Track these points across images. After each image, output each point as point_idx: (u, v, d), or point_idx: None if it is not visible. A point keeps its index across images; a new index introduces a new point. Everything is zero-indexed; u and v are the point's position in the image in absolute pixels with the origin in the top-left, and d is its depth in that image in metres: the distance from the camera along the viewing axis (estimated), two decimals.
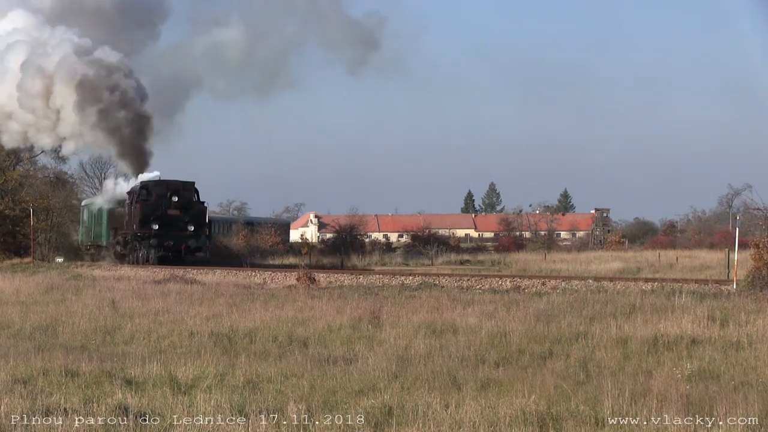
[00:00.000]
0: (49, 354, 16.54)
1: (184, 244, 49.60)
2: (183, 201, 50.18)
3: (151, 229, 49.56)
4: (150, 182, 51.51)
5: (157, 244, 49.25)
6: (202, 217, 51.02)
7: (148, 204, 49.98)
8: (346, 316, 21.52)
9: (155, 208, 49.87)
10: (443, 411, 11.34)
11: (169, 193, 50.27)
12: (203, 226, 50.66)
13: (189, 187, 50.87)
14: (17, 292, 31.00)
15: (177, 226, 49.76)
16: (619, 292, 24.88)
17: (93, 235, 60.66)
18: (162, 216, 49.67)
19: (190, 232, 50.05)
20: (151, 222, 49.63)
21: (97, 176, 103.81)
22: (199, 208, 51.01)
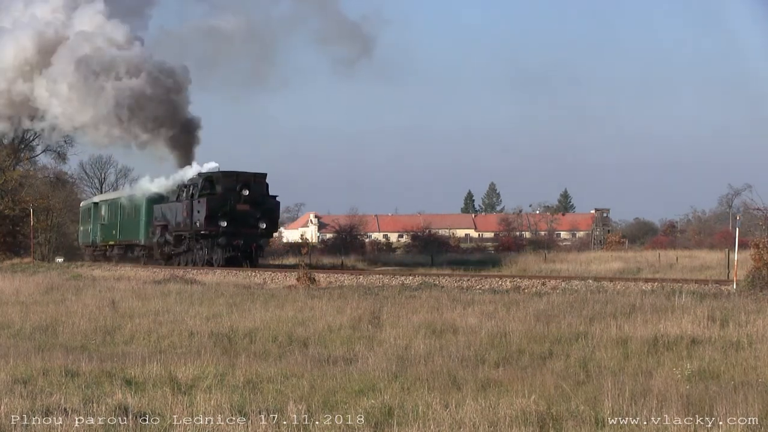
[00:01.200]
0: (49, 354, 16.54)
1: (255, 244, 44.42)
2: (254, 195, 44.40)
3: (219, 226, 43.85)
4: (216, 173, 45.36)
5: (226, 244, 43.86)
6: (275, 214, 46.04)
7: (215, 198, 44.16)
8: (346, 316, 21.52)
9: (223, 202, 44.10)
10: (443, 411, 11.33)
11: (238, 185, 44.34)
12: (275, 224, 46.24)
13: (261, 179, 45.02)
14: (17, 292, 31.00)
15: (247, 223, 44.11)
16: (619, 292, 24.87)
17: (119, 233, 55.60)
18: (231, 212, 43.92)
19: (262, 230, 44.69)
20: (218, 218, 43.82)
21: (97, 176, 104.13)
22: (272, 203, 45.44)
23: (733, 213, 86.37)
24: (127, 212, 55.15)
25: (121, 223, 56.08)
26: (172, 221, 47.66)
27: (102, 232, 59.22)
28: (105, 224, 59.02)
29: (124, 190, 60.96)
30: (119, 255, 56.48)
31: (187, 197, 45.57)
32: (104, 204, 60.08)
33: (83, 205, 68.59)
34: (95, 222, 61.09)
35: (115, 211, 57.18)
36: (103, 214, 59.79)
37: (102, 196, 64.20)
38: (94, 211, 61.74)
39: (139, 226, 53.14)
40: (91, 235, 62.28)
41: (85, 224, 65.35)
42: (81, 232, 67.21)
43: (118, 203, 56.88)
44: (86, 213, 65.40)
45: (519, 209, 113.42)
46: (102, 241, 59.27)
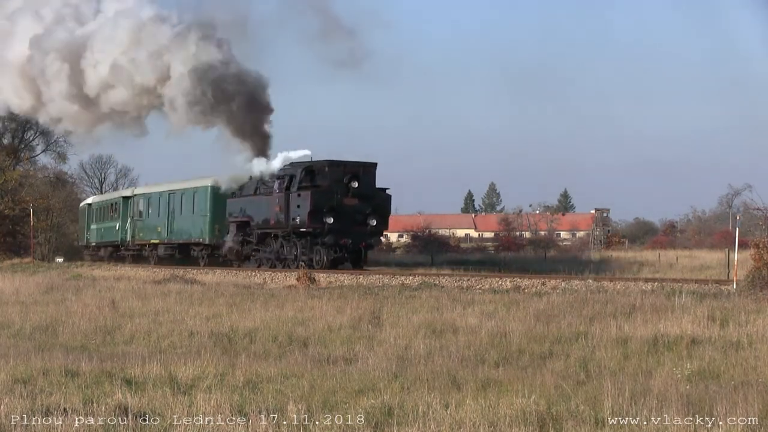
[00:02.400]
0: (49, 354, 16.54)
1: (364, 243, 38.84)
2: (363, 187, 38.59)
3: (324, 223, 37.92)
4: (319, 163, 39.20)
5: (333, 243, 38.09)
6: (386, 209, 40.01)
7: (320, 191, 38.23)
8: (346, 316, 21.53)
9: (329, 196, 38.24)
10: (443, 411, 11.34)
11: (346, 177, 38.46)
12: (386, 221, 39.91)
13: (371, 169, 39.19)
14: (17, 292, 31.02)
15: (355, 220, 38.44)
16: (619, 292, 24.86)
17: (169, 231, 49.71)
18: (337, 207, 38.09)
19: (372, 228, 38.84)
20: (324, 214, 37.94)
21: (97, 176, 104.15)
22: (383, 197, 39.56)
23: (733, 213, 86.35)
24: (183, 207, 49.04)
25: (173, 219, 49.89)
26: (255, 217, 41.68)
27: (138, 230, 53.22)
28: (142, 221, 52.95)
29: (171, 184, 52.20)
30: (167, 255, 50.37)
31: (280, 190, 39.52)
32: (142, 198, 53.74)
33: (96, 202, 63.65)
34: (124, 219, 54.89)
35: (162, 207, 50.99)
36: (140, 209, 53.59)
37: (138, 190, 56.61)
38: (123, 206, 55.29)
39: (201, 223, 46.95)
40: (114, 234, 56.30)
41: (100, 222, 60.39)
42: (93, 231, 61.67)
43: (167, 197, 50.77)
44: (102, 210, 60.32)
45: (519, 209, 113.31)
46: (139, 239, 53.15)
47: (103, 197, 65.74)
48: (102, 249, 59.56)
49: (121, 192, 59.31)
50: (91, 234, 62.17)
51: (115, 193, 62.88)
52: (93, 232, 61.87)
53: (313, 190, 38.35)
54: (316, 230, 38.14)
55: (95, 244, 61.07)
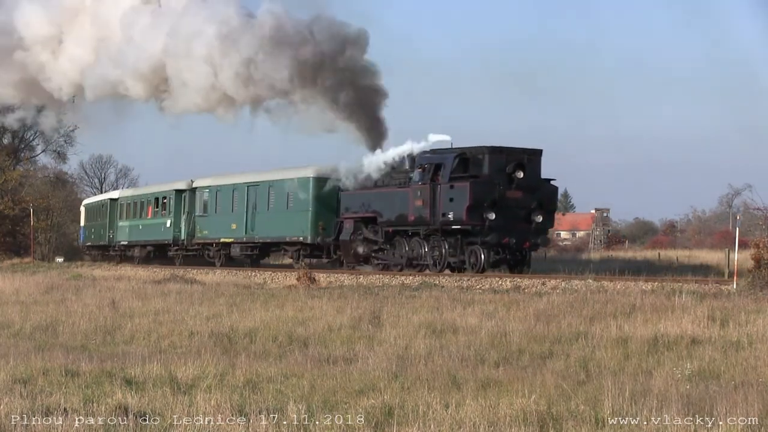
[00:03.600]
0: (49, 354, 16.55)
1: (528, 242, 33.46)
2: (529, 178, 33.30)
3: (485, 219, 32.36)
4: (476, 149, 33.68)
5: (496, 243, 32.58)
6: (553, 203, 35.10)
7: (480, 182, 32.81)
8: (346, 316, 21.53)
9: (490, 187, 32.82)
10: (443, 411, 11.34)
11: (509, 165, 33.10)
12: (552, 217, 34.79)
13: (536, 157, 33.92)
14: (17, 292, 31.02)
15: (519, 216, 33.11)
16: (619, 292, 24.86)
17: (252, 228, 43.57)
18: (500, 200, 32.68)
19: (537, 225, 33.47)
20: (484, 209, 32.48)
21: (97, 176, 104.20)
22: (550, 189, 34.35)
23: (733, 213, 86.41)
24: (272, 201, 43.00)
25: (255, 215, 43.64)
26: (385, 213, 36.04)
27: (201, 227, 47.18)
28: (206, 217, 46.74)
29: (250, 174, 45.75)
30: (243, 255, 44.77)
31: (423, 180, 34.07)
32: (207, 191, 47.26)
33: (125, 197, 57.39)
34: (177, 215, 48.70)
35: (238, 200, 44.70)
36: (203, 204, 47.21)
37: (201, 181, 48.71)
38: (176, 201, 49.08)
39: (300, 219, 40.78)
40: (161, 232, 50.23)
41: (134, 219, 54.39)
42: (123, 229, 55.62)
43: (245, 190, 44.36)
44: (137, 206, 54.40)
45: None
46: (201, 237, 47.15)
47: (137, 191, 58.76)
48: (137, 248, 53.53)
49: (172, 184, 50.88)
50: (119, 232, 56.04)
51: (158, 186, 53.78)
52: (122, 230, 55.70)
53: (473, 180, 32.93)
54: (475, 228, 32.67)
55: (126, 243, 54.88)
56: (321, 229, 39.82)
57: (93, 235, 60.70)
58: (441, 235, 33.86)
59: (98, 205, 61.32)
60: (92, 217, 61.81)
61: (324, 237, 39.68)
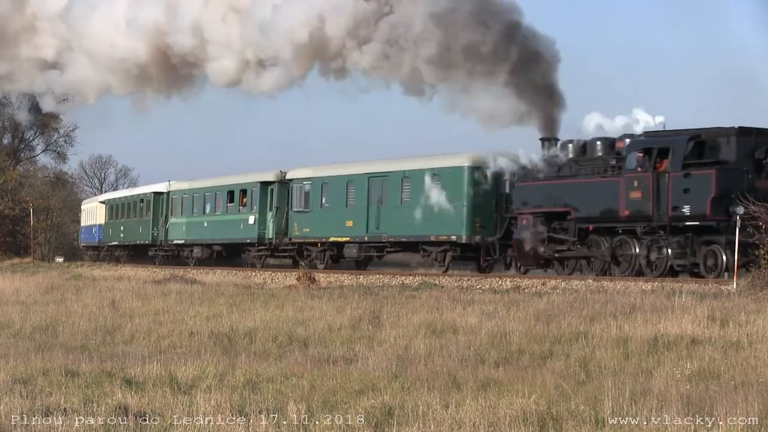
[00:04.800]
0: (49, 354, 16.54)
1: None
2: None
3: (732, 214, 27.25)
4: (718, 131, 29.46)
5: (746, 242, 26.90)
6: None
7: (726, 170, 28.22)
8: (346, 316, 21.53)
9: (738, 176, 28.13)
10: (443, 411, 11.34)
11: (759, 150, 28.46)
12: None
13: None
14: (17, 292, 30.98)
15: None
16: (619, 292, 24.85)
17: (378, 224, 38.36)
18: (749, 191, 27.16)
19: None
20: (731, 202, 27.37)
21: (97, 176, 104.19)
22: None
23: None
24: (405, 195, 37.68)
25: (380, 210, 38.41)
26: (581, 207, 31.11)
27: (300, 225, 41.88)
28: (308, 213, 41.68)
29: (370, 164, 40.37)
30: (361, 256, 39.79)
31: (644, 168, 29.40)
32: (309, 183, 41.87)
33: (178, 191, 51.41)
34: (263, 211, 43.78)
35: (356, 194, 39.54)
36: (305, 196, 41.79)
37: (296, 172, 43.14)
38: (261, 195, 44.04)
39: (451, 215, 35.62)
40: (240, 230, 45.18)
41: (192, 216, 49.34)
42: (178, 227, 50.38)
43: (366, 182, 39.22)
44: (196, 200, 49.35)
45: None
46: (299, 236, 42.07)
47: (198, 183, 51.08)
48: (198, 248, 48.48)
49: (255, 175, 45.34)
50: (172, 230, 50.92)
51: (233, 178, 48.04)
52: (176, 227, 50.50)
53: (720, 168, 28.33)
54: (720, 224, 27.88)
55: (183, 242, 49.87)
56: (479, 227, 34.92)
57: (123, 234, 56.03)
58: (666, 233, 29.04)
59: (131, 200, 56.33)
60: (119, 214, 57.13)
61: (485, 235, 34.63)
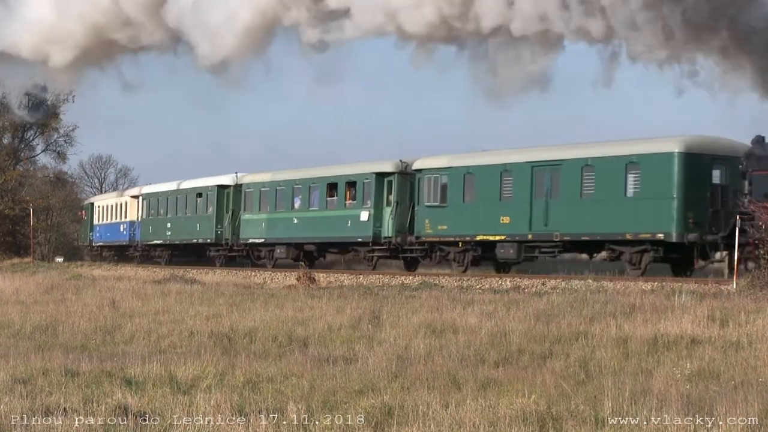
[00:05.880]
0: (49, 354, 16.54)
1: None
2: None
3: None
4: None
5: None
6: None
7: None
8: (346, 316, 21.54)
9: None
10: (443, 411, 11.33)
11: None
12: None
13: None
14: (17, 292, 30.99)
15: None
16: (619, 292, 24.87)
17: (542, 222, 33.49)
18: None
19: None
20: None
21: (97, 176, 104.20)
22: None
23: None
24: (594, 186, 32.46)
25: (557, 204, 33.36)
26: None
27: (431, 222, 37.14)
28: (453, 207, 36.37)
29: (544, 151, 34.98)
30: (527, 258, 35.20)
31: None
32: (450, 174, 36.66)
33: (255, 183, 46.18)
34: (378, 206, 39.19)
35: (515, 186, 34.53)
36: (441, 188, 36.69)
37: (424, 162, 38.06)
38: (377, 188, 39.45)
39: (655, 209, 30.83)
40: (347, 227, 40.39)
41: (274, 212, 44.42)
42: (254, 224, 45.33)
43: (529, 172, 34.22)
44: (280, 195, 44.34)
45: None
46: (429, 233, 37.30)
47: (281, 175, 45.26)
48: (281, 248, 43.82)
49: (370, 166, 40.46)
50: (244, 227, 46.05)
51: (332, 169, 43.03)
52: (252, 224, 45.61)
53: None
54: None
55: (262, 241, 45.01)
56: (692, 223, 30.20)
57: (170, 232, 51.49)
58: None
59: (182, 194, 51.24)
60: (165, 210, 52.65)
61: (702, 234, 29.90)
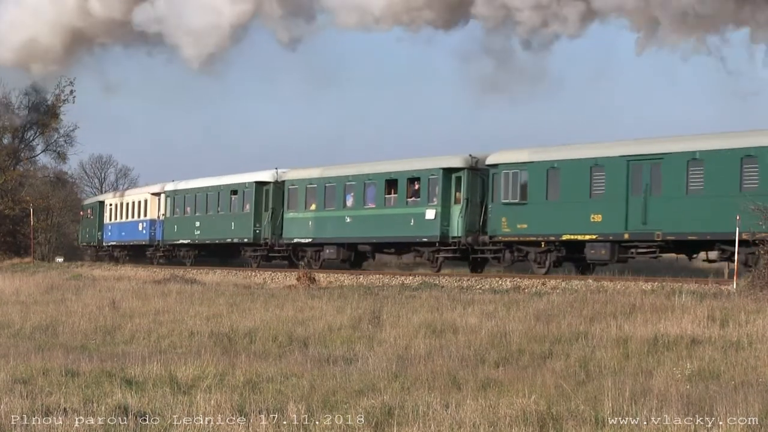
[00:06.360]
0: (49, 354, 16.54)
1: None
2: None
3: None
4: None
5: None
6: None
7: None
8: (346, 316, 21.53)
9: None
10: (443, 411, 11.34)
11: None
12: None
13: None
14: (17, 292, 31.00)
15: None
16: (619, 292, 24.86)
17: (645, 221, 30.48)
18: None
19: None
20: None
21: (97, 176, 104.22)
22: None
23: None
24: (707, 180, 29.52)
25: (658, 201, 30.50)
26: None
27: (516, 218, 33.94)
28: (534, 205, 33.57)
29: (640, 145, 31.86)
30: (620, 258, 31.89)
31: None
32: (530, 169, 33.73)
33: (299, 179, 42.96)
34: (445, 204, 36.07)
35: (615, 181, 31.60)
36: (521, 186, 33.87)
37: (502, 156, 34.89)
38: (444, 184, 36.05)
39: None
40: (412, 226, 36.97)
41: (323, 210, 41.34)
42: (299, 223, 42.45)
43: (629, 166, 31.19)
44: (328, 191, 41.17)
45: None
46: (507, 232, 34.21)
47: (330, 171, 42.28)
48: (329, 248, 41.09)
49: (435, 161, 37.23)
50: (288, 226, 43.07)
51: (392, 164, 39.56)
52: (296, 223, 42.61)
53: None
54: None
55: (309, 241, 41.94)
56: None
57: (199, 231, 49.04)
58: None
59: (214, 191, 48.48)
60: (193, 208, 50.26)
61: None
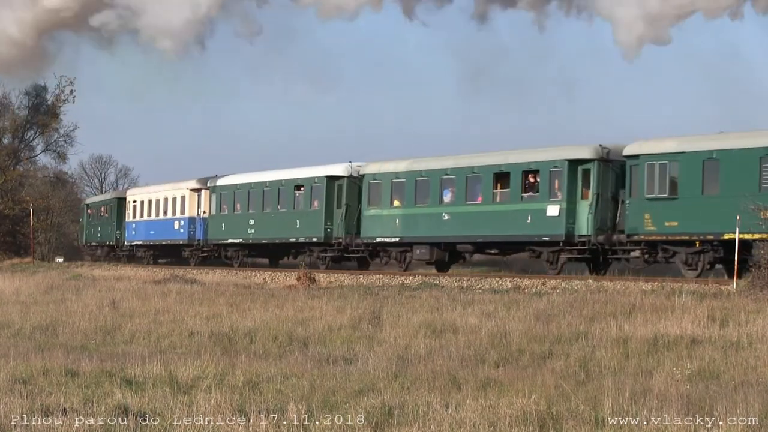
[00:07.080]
0: (49, 354, 16.55)
1: None
2: None
3: None
4: None
5: None
6: None
7: None
8: (346, 316, 21.54)
9: None
10: (443, 411, 11.34)
11: None
12: None
13: None
14: (17, 292, 31.01)
15: None
16: (619, 292, 24.87)
17: None
18: None
19: None
20: None
21: (97, 176, 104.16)
22: None
23: None
24: None
25: None
26: None
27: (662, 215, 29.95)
28: (690, 199, 29.34)
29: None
30: None
31: None
32: (682, 160, 29.38)
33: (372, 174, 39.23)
34: (571, 199, 32.21)
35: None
36: (671, 180, 29.72)
37: (654, 146, 30.54)
38: (570, 177, 32.27)
39: None
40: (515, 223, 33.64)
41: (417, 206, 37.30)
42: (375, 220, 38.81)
43: None
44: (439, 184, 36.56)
45: None
46: (656, 231, 30.17)
47: (420, 164, 38.11)
48: (420, 248, 37.46)
49: (557, 152, 33.23)
50: (367, 224, 39.18)
51: (499, 156, 35.34)
52: (380, 221, 38.86)
53: None
54: None
55: (396, 240, 38.05)
56: None
57: (254, 230, 45.32)
58: None
59: (274, 186, 44.74)
60: (247, 205, 46.26)
61: None
